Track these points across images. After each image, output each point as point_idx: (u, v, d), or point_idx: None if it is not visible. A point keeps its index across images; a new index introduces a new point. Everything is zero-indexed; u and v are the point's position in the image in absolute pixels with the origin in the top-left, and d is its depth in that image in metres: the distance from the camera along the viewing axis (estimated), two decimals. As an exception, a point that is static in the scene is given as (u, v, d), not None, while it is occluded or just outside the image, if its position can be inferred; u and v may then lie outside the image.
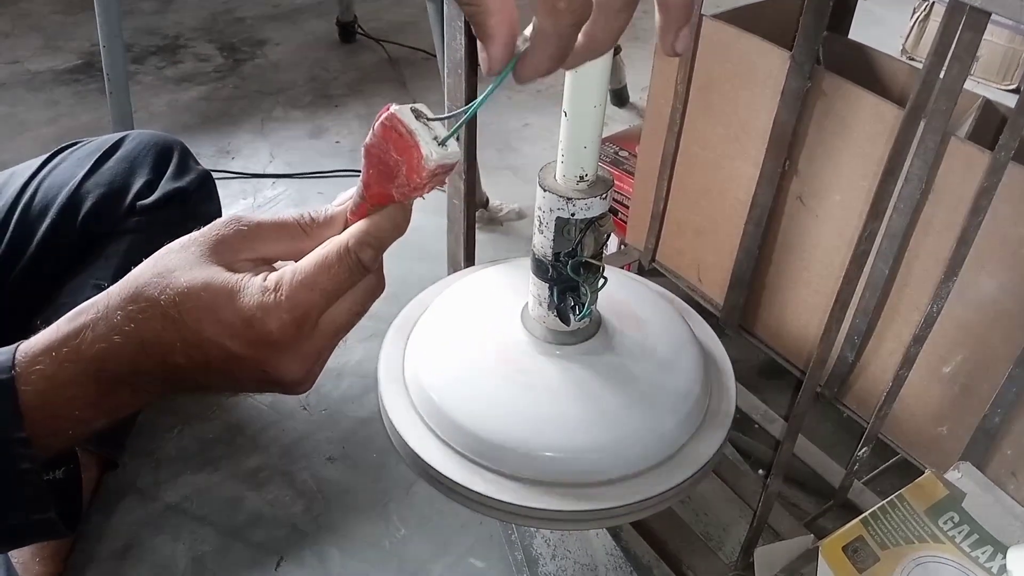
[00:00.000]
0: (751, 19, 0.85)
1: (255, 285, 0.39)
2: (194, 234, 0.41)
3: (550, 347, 0.58)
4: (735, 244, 0.89)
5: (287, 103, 1.77)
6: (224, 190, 1.22)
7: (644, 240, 1.02)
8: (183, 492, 0.94)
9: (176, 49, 2.00)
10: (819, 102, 0.77)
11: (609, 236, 0.55)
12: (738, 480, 0.83)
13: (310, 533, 0.90)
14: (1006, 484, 0.69)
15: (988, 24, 0.57)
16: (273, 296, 0.38)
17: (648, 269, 1.04)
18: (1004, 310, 0.68)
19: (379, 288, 0.43)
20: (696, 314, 0.70)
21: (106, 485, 0.92)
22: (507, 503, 0.53)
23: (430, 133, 0.39)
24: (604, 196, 0.52)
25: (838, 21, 0.92)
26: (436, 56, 1.38)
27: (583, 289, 0.55)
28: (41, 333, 0.40)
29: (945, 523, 0.67)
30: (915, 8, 1.99)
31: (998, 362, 0.68)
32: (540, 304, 0.57)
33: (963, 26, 0.56)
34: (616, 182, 1.17)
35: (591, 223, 0.52)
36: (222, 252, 0.40)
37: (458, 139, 0.40)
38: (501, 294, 0.64)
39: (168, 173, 0.92)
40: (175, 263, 0.39)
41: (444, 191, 0.72)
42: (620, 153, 1.26)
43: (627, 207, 1.14)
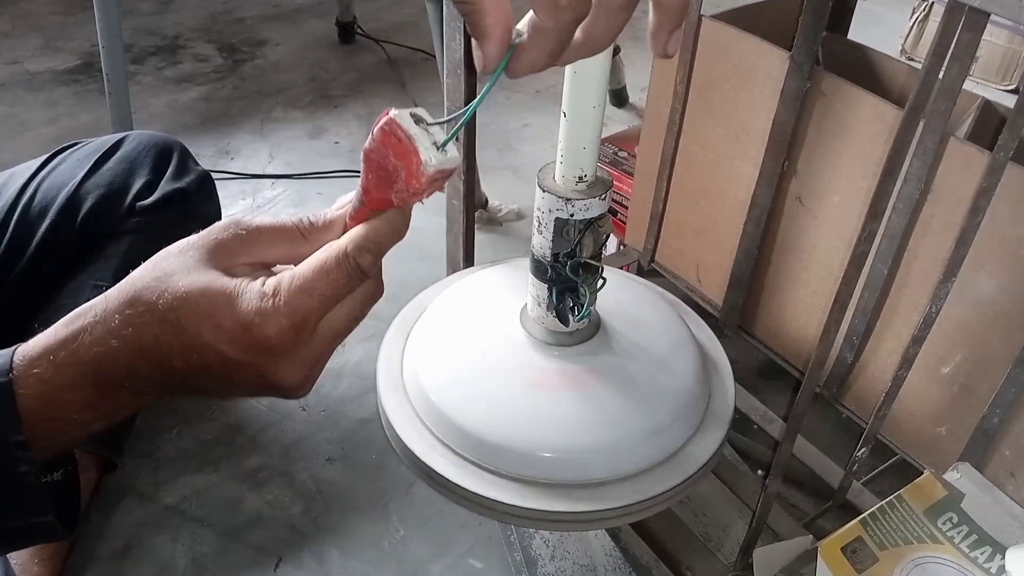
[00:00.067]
0: (750, 19, 0.85)
1: (253, 290, 0.39)
2: (192, 238, 0.41)
3: (549, 348, 0.58)
4: (734, 244, 0.89)
5: (287, 103, 1.77)
6: (223, 191, 1.22)
7: (643, 241, 1.02)
8: (182, 493, 0.94)
9: (175, 49, 2.00)
10: (818, 102, 0.77)
11: (608, 237, 0.55)
12: (737, 481, 0.83)
13: (309, 534, 0.90)
14: (1005, 485, 0.69)
15: (987, 24, 0.57)
16: (271, 301, 0.38)
17: (647, 270, 1.04)
18: (1003, 310, 0.68)
19: (377, 293, 0.43)
20: (695, 315, 0.70)
21: (105, 486, 0.92)
22: (506, 504, 0.53)
23: (429, 138, 0.39)
24: (603, 197, 0.52)
25: (837, 21, 0.92)
26: (435, 56, 1.38)
27: (582, 290, 0.55)
28: (39, 336, 0.40)
29: (944, 524, 0.67)
30: (914, 8, 1.99)
31: (997, 362, 0.69)
32: (539, 305, 0.57)
33: (962, 26, 0.56)
34: (615, 183, 1.17)
35: (590, 224, 0.52)
36: (220, 256, 0.40)
37: (457, 140, 0.40)
38: (500, 295, 0.64)
39: (168, 174, 0.92)
40: (173, 267, 0.39)
41: (443, 192, 0.72)
42: (619, 153, 1.26)
43: (626, 208, 1.14)
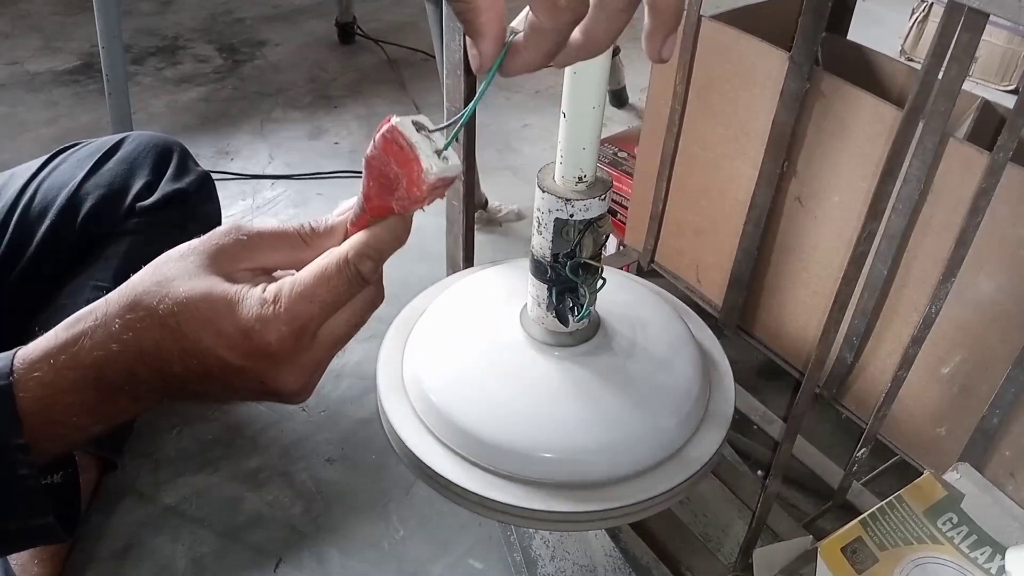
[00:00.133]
0: (750, 20, 0.85)
1: (254, 296, 0.39)
2: (193, 242, 0.41)
3: (549, 348, 0.58)
4: (734, 245, 0.89)
5: (286, 104, 1.77)
6: (223, 191, 1.22)
7: (643, 241, 1.02)
8: (182, 493, 0.94)
9: (175, 50, 2.00)
10: (818, 103, 0.77)
11: (608, 237, 0.55)
12: (737, 481, 0.83)
13: (309, 534, 0.90)
14: (1005, 485, 0.69)
15: (986, 25, 0.57)
16: (272, 308, 0.38)
17: (647, 270, 1.04)
18: (1003, 311, 0.68)
19: (378, 299, 0.43)
20: (695, 315, 0.70)
21: (105, 486, 0.92)
22: (506, 504, 0.53)
23: (431, 146, 0.39)
24: (603, 197, 0.52)
25: (837, 22, 0.92)
26: (435, 57, 1.38)
27: (582, 290, 0.55)
28: (39, 339, 0.40)
29: (944, 524, 0.67)
30: (914, 9, 1.99)
31: (997, 363, 0.69)
32: (539, 305, 0.57)
33: (961, 27, 0.56)
34: (615, 183, 1.17)
35: (590, 224, 0.52)
36: (221, 262, 0.40)
37: (457, 141, 0.40)
38: (500, 295, 0.64)
39: (168, 174, 0.92)
40: (174, 272, 0.39)
41: (444, 196, 0.72)
42: (619, 154, 1.26)
43: (626, 208, 1.14)
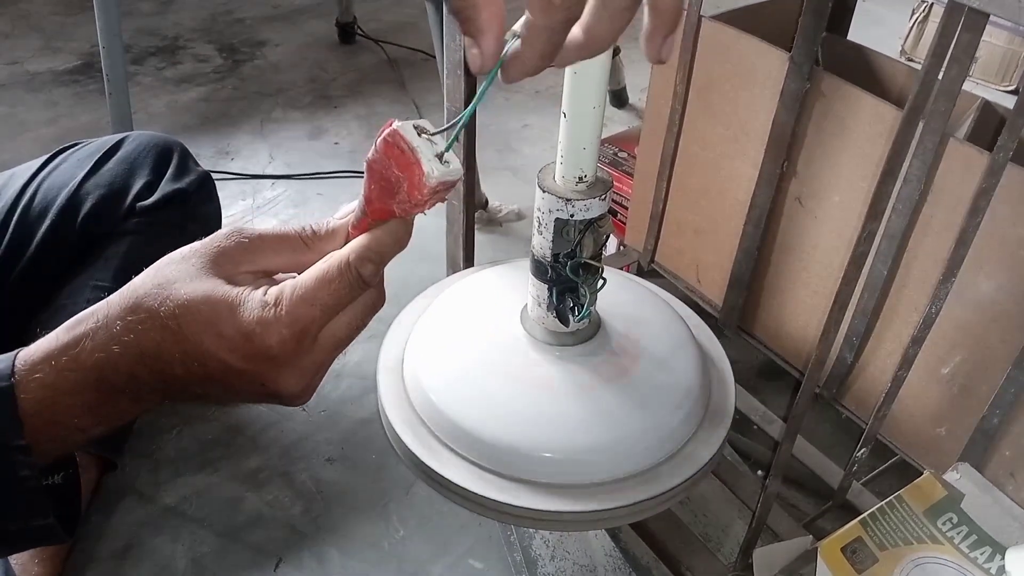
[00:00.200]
0: (750, 20, 0.85)
1: (255, 299, 0.39)
2: (195, 245, 0.41)
3: (549, 348, 0.58)
4: (734, 245, 0.89)
5: (286, 104, 1.77)
6: (223, 191, 1.22)
7: (643, 241, 1.02)
8: (182, 493, 0.94)
9: (175, 50, 2.00)
10: (818, 103, 0.77)
11: (608, 237, 0.55)
12: (737, 481, 0.83)
13: (309, 534, 0.90)
14: (1005, 485, 0.69)
15: (987, 25, 0.57)
16: (273, 311, 0.38)
17: (647, 270, 1.04)
18: (1003, 311, 0.68)
19: (379, 302, 0.43)
20: (695, 315, 0.70)
21: (105, 486, 0.92)
22: (506, 504, 0.53)
23: (432, 150, 0.39)
24: (603, 197, 0.52)
25: (837, 22, 0.92)
26: (435, 57, 1.38)
27: (582, 290, 0.55)
28: (40, 341, 0.40)
29: (944, 524, 0.67)
30: (914, 9, 1.99)
31: (997, 363, 0.69)
32: (539, 305, 0.57)
33: (962, 27, 0.56)
34: (615, 183, 1.17)
35: (590, 224, 0.52)
36: (222, 264, 0.40)
37: (458, 141, 0.40)
38: (500, 295, 0.64)
39: (168, 174, 0.92)
40: (175, 274, 0.39)
41: (446, 199, 0.72)
42: (619, 154, 1.26)
43: (626, 208, 1.14)
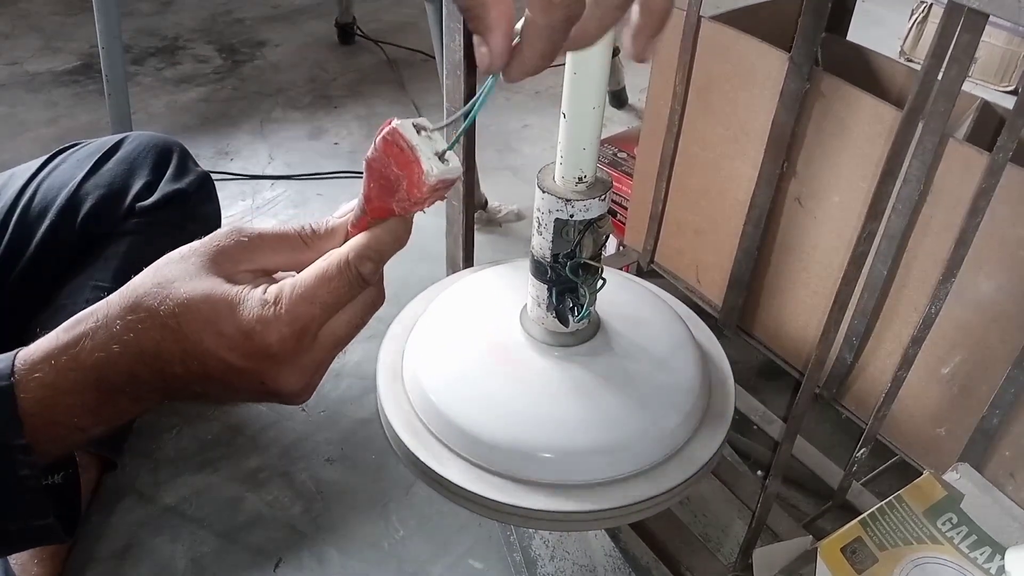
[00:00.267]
0: (750, 20, 0.85)
1: (255, 298, 0.39)
2: (194, 244, 0.41)
3: (549, 348, 0.58)
4: (734, 245, 0.89)
5: (286, 104, 1.77)
6: (223, 191, 1.22)
7: (643, 241, 1.02)
8: (182, 493, 0.94)
9: (175, 50, 2.00)
10: (817, 103, 0.77)
11: (608, 237, 0.55)
12: (737, 481, 0.83)
13: (309, 534, 0.90)
14: (1004, 485, 0.69)
15: (986, 25, 0.57)
16: (273, 309, 0.38)
17: (647, 270, 1.04)
18: (1002, 311, 0.68)
19: (379, 301, 0.43)
20: (695, 315, 0.70)
21: (105, 486, 0.92)
22: (506, 504, 0.53)
23: (432, 148, 0.39)
24: (603, 197, 0.52)
25: (836, 22, 0.92)
26: (435, 57, 1.38)
27: (582, 290, 0.55)
28: (40, 340, 0.40)
29: (943, 524, 0.67)
30: (913, 9, 1.99)
31: (996, 363, 0.69)
32: (539, 305, 0.57)
33: (961, 27, 0.56)
34: (615, 183, 1.17)
35: (590, 224, 0.52)
36: (222, 263, 0.40)
37: (458, 141, 0.40)
38: (500, 295, 0.64)
39: (167, 174, 0.92)
40: (175, 273, 0.39)
41: (445, 197, 0.72)
42: (619, 154, 1.26)
43: (626, 208, 1.14)
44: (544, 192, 0.52)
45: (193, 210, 0.93)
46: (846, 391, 0.85)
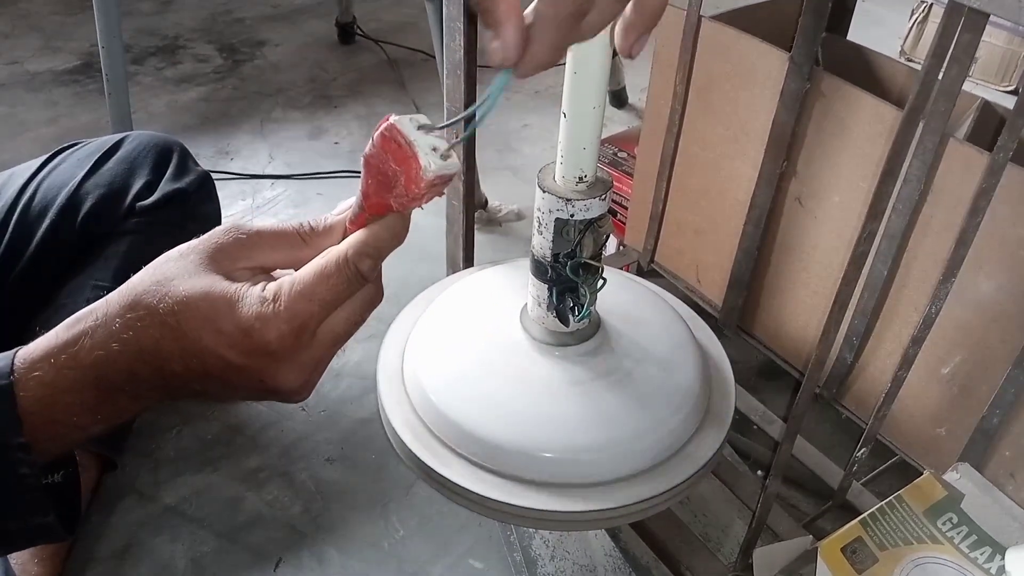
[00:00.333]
0: (750, 20, 0.85)
1: (254, 295, 0.39)
2: (193, 242, 0.41)
3: (549, 348, 0.58)
4: (734, 245, 0.89)
5: (286, 104, 1.77)
6: (223, 191, 1.22)
7: (643, 241, 1.02)
8: (182, 493, 0.94)
9: (175, 50, 2.00)
10: (818, 103, 0.77)
11: (608, 237, 0.55)
12: (737, 481, 0.83)
13: (309, 534, 0.90)
14: (1004, 485, 0.69)
15: (986, 25, 0.57)
16: (272, 306, 0.38)
17: (647, 270, 1.04)
18: (1003, 311, 0.68)
19: (377, 298, 0.43)
20: (695, 315, 0.70)
21: (105, 486, 0.92)
22: (506, 504, 0.53)
23: (429, 144, 0.39)
24: (603, 197, 0.52)
25: (837, 22, 0.92)
26: (435, 57, 1.38)
27: (582, 290, 0.55)
28: (39, 339, 0.40)
29: (944, 524, 0.67)
30: (914, 9, 1.99)
31: (997, 363, 0.69)
32: (539, 305, 0.57)
33: (962, 27, 0.56)
34: (615, 183, 1.17)
35: (590, 224, 0.52)
36: (221, 260, 0.40)
37: (458, 136, 0.40)
38: (500, 295, 0.64)
39: (167, 174, 0.92)
40: (174, 271, 0.39)
41: (443, 195, 0.72)
42: (619, 154, 1.26)
43: (626, 208, 1.14)
44: (544, 192, 0.52)
45: (193, 209, 0.93)
46: (846, 391, 0.85)
